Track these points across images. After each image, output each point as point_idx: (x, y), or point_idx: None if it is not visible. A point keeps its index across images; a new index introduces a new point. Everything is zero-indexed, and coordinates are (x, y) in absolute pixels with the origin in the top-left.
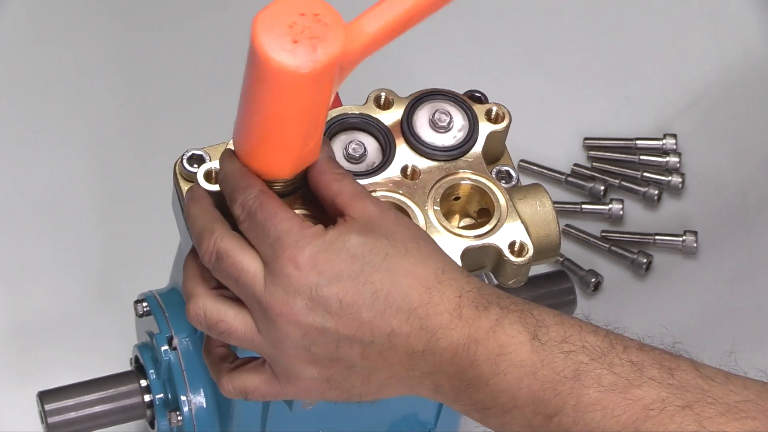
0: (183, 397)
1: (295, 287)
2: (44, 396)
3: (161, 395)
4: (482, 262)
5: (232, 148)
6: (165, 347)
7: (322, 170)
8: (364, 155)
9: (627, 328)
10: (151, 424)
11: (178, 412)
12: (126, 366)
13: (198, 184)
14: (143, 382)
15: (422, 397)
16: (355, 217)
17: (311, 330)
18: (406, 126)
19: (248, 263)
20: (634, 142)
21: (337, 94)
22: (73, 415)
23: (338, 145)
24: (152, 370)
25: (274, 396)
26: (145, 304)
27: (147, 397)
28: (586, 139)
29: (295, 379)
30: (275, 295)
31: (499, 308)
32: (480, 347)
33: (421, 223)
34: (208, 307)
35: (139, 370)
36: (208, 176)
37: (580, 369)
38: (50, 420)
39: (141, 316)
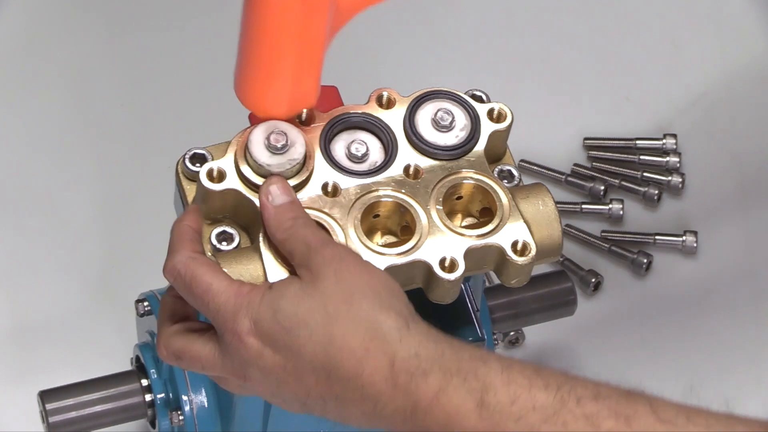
0: (184, 397)
1: (243, 358)
2: (45, 395)
3: (162, 395)
4: (485, 262)
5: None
6: None
7: (271, 233)
8: (366, 155)
9: (625, 326)
10: (152, 424)
11: (179, 412)
12: (126, 365)
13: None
14: (144, 382)
15: None
16: (301, 277)
17: (273, 390)
18: (409, 125)
19: (201, 350)
20: (634, 142)
21: (338, 94)
22: (73, 414)
23: (341, 144)
24: (153, 370)
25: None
26: (146, 303)
27: (148, 397)
28: (586, 139)
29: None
30: (233, 366)
31: (441, 373)
32: (427, 416)
33: (424, 222)
34: (172, 342)
35: (139, 370)
36: (209, 175)
37: None
38: (51, 419)
39: (142, 315)
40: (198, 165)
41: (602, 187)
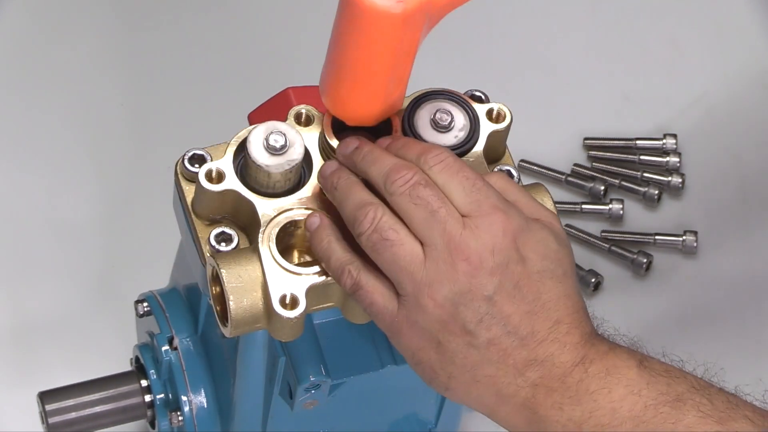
0: (184, 397)
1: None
2: (45, 396)
3: (162, 395)
4: None
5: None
6: (166, 347)
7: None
8: None
9: (625, 327)
10: (152, 425)
11: (178, 412)
12: (126, 366)
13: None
14: (144, 383)
15: (502, 417)
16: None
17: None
18: (408, 126)
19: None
20: (634, 142)
21: None
22: (73, 415)
23: None
24: (153, 371)
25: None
26: (145, 304)
27: (147, 398)
28: (586, 139)
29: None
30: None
31: (607, 344)
32: (593, 365)
33: None
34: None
35: (139, 371)
36: (208, 176)
37: (682, 396)
38: (51, 420)
39: (141, 316)
40: (197, 166)
41: (602, 187)
